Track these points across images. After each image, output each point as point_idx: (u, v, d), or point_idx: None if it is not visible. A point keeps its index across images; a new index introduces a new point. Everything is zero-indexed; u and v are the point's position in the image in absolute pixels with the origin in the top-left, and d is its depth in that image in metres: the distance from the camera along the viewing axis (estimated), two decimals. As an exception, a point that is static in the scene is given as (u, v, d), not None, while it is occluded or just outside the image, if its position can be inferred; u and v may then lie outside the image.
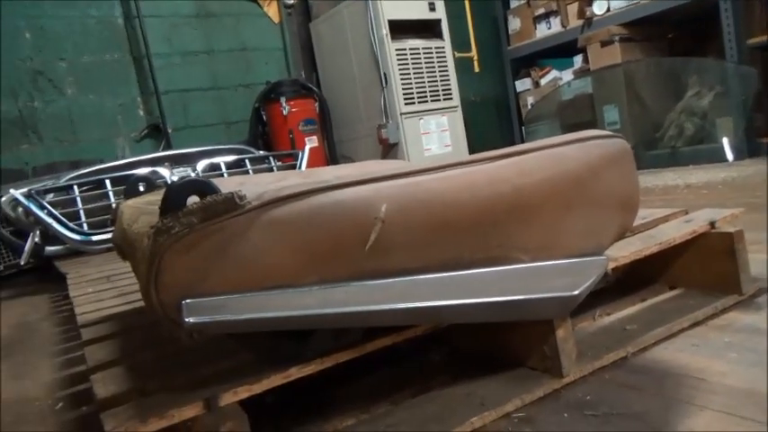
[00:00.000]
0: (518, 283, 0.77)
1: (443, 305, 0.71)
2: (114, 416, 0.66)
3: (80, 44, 3.69)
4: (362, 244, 0.64)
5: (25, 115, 3.58)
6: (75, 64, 3.69)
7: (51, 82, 3.64)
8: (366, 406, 0.89)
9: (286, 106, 3.91)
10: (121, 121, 3.85)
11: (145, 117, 3.92)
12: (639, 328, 1.03)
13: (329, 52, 4.30)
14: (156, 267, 0.59)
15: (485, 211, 0.70)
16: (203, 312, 0.60)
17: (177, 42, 4.00)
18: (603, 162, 0.80)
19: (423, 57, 3.93)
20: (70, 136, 3.70)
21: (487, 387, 0.89)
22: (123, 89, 3.83)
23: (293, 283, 0.64)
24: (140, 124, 3.90)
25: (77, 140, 3.71)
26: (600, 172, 0.79)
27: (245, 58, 4.29)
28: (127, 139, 3.87)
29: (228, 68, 4.21)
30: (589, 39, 4.27)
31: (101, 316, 1.26)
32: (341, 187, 0.66)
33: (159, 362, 0.84)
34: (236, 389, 0.68)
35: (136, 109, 3.91)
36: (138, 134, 3.88)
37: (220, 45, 4.16)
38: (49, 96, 3.63)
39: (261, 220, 0.62)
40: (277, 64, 4.39)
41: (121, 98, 3.83)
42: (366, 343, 0.76)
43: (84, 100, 3.72)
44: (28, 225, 3.07)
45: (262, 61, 4.33)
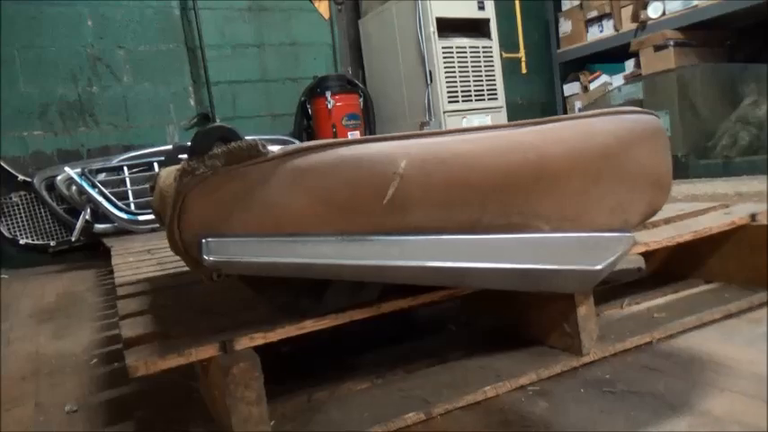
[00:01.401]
0: (538, 252, 0.76)
1: (459, 267, 0.71)
2: (136, 352, 0.69)
3: (138, 33, 3.84)
4: (380, 198, 0.65)
5: (84, 99, 3.74)
6: (132, 52, 3.83)
7: (109, 68, 3.79)
8: (381, 372, 0.90)
9: (331, 100, 3.96)
10: (173, 109, 3.98)
11: (195, 106, 4.04)
12: (668, 316, 1.00)
13: (376, 49, 4.34)
14: (179, 206, 0.62)
15: (507, 175, 0.70)
16: (222, 252, 0.62)
17: (229, 34, 4.11)
18: (634, 137, 0.78)
19: (469, 56, 3.92)
20: (124, 121, 3.84)
21: (504, 361, 0.89)
22: (176, 78, 3.96)
23: (311, 230, 0.65)
24: (190, 113, 4.01)
25: (130, 126, 3.85)
26: (630, 146, 0.78)
27: (294, 52, 4.36)
28: (177, 126, 3.99)
29: (277, 62, 4.30)
30: (642, 43, 4.16)
31: (137, 279, 1.31)
32: (363, 142, 0.67)
33: (184, 313, 0.87)
34: (252, 335, 0.70)
35: (187, 98, 4.03)
36: (187, 122, 3.99)
37: (271, 39, 4.25)
38: (106, 82, 3.78)
39: (283, 167, 0.64)
40: (325, 59, 4.45)
41: (174, 87, 3.96)
42: (382, 303, 0.76)
43: (139, 87, 3.86)
44: (80, 203, 3.21)
45: (310, 56, 4.40)
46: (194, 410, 0.86)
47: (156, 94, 3.90)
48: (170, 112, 3.95)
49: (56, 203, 3.36)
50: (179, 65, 3.96)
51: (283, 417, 0.79)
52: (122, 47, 3.79)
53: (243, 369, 0.64)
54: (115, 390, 1.05)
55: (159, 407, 0.91)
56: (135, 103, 3.83)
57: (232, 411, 0.64)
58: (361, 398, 0.83)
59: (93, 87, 3.73)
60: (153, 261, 1.66)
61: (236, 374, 0.64)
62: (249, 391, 0.65)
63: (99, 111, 3.75)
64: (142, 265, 1.61)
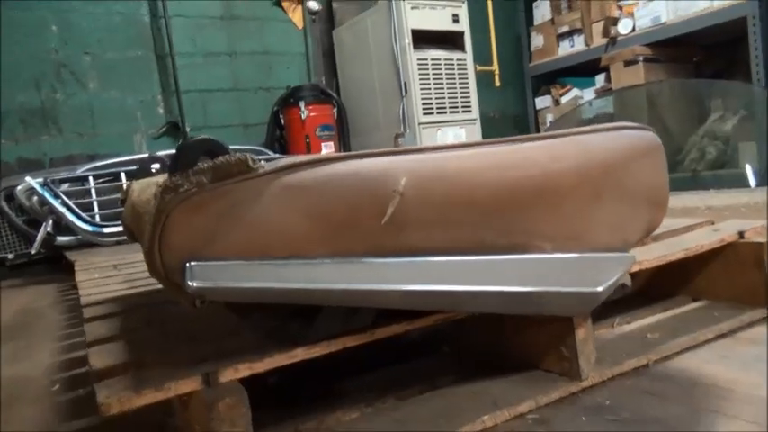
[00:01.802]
0: (539, 273, 0.73)
1: (460, 291, 0.67)
2: (108, 386, 0.63)
3: (105, 40, 3.72)
4: (378, 217, 0.61)
5: (47, 107, 3.61)
6: (98, 59, 3.72)
7: (74, 75, 3.66)
8: (370, 400, 0.85)
9: (304, 111, 3.91)
10: (141, 117, 3.87)
11: (165, 115, 3.93)
12: (662, 336, 0.98)
13: (350, 59, 4.31)
14: (161, 226, 0.56)
15: (511, 192, 0.66)
16: (208, 277, 0.57)
17: (201, 43, 4.02)
18: (634, 153, 0.76)
19: (444, 68, 3.92)
20: (89, 130, 3.72)
21: (499, 387, 0.85)
22: (145, 86, 3.85)
23: (303, 253, 0.60)
24: (159, 122, 3.91)
25: (96, 134, 3.73)
26: (630, 163, 0.76)
27: (266, 61, 4.30)
28: (145, 135, 3.87)
29: (250, 71, 4.23)
30: (613, 58, 4.23)
31: (104, 298, 1.23)
32: (359, 157, 0.62)
33: (159, 338, 0.81)
34: (237, 365, 0.64)
35: (156, 106, 3.92)
36: (156, 131, 3.89)
37: (243, 47, 4.18)
38: (71, 89, 3.65)
39: (274, 184, 0.59)
40: (298, 69, 4.40)
41: (142, 95, 3.85)
42: (376, 329, 0.72)
43: (106, 95, 3.74)
44: (41, 214, 3.08)
45: (283, 66, 4.34)
46: (170, 445, 0.79)
47: (124, 102, 3.78)
48: (138, 121, 3.83)
49: (15, 214, 3.21)
50: (148, 72, 3.85)
51: (268, 451, 0.73)
52: (88, 53, 3.68)
53: (229, 405, 0.59)
54: (82, 420, 0.97)
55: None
56: (101, 111, 3.71)
57: (216, 451, 0.59)
58: (350, 429, 0.77)
59: (58, 94, 3.60)
60: (120, 278, 1.58)
61: (222, 411, 0.59)
62: (235, 428, 0.59)
63: (63, 118, 3.61)
64: (109, 281, 1.53)
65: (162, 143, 3.90)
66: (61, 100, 3.62)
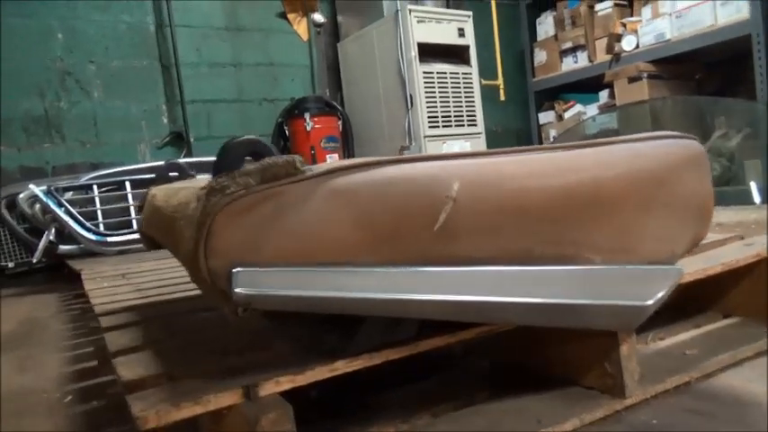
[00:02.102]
0: (586, 285, 0.70)
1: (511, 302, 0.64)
2: (142, 399, 0.59)
3: (110, 48, 3.71)
4: (429, 224, 0.58)
5: (51, 115, 3.58)
6: (103, 67, 3.70)
7: (79, 83, 3.64)
8: (405, 416, 0.81)
9: (309, 122, 3.89)
10: (145, 126, 3.84)
11: (168, 124, 3.91)
12: (701, 353, 0.95)
13: (355, 72, 4.31)
14: (206, 229, 0.53)
15: (562, 200, 0.64)
16: (255, 284, 0.54)
17: (206, 53, 4.02)
18: (684, 163, 0.74)
19: (450, 81, 3.92)
20: (93, 138, 3.69)
21: (539, 403, 0.81)
22: (149, 96, 3.83)
23: (353, 260, 0.57)
24: (163, 131, 3.88)
25: (99, 143, 3.70)
26: (680, 173, 0.73)
27: (271, 73, 4.29)
28: (149, 145, 3.85)
29: (254, 82, 4.22)
30: (616, 74, 4.25)
31: (118, 307, 1.19)
32: (410, 161, 0.60)
33: (186, 349, 0.77)
34: (279, 378, 0.61)
35: (160, 116, 3.90)
36: (160, 141, 3.86)
37: (248, 59, 4.18)
38: (75, 98, 3.62)
39: (323, 187, 0.56)
40: (302, 81, 4.39)
41: (147, 104, 3.83)
42: (419, 341, 0.69)
43: (110, 103, 3.72)
44: (43, 223, 3.03)
45: (288, 77, 4.34)
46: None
47: (128, 112, 3.75)
48: (142, 130, 3.81)
49: (16, 222, 3.17)
50: (153, 82, 3.83)
51: (303, 469, 0.69)
52: (93, 62, 3.66)
53: (273, 420, 0.55)
54: (97, 434, 0.93)
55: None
56: (105, 120, 3.68)
57: (259, 470, 0.55)
58: (388, 446, 0.74)
59: (62, 102, 3.57)
60: (130, 287, 1.54)
61: (265, 426, 0.55)
62: (280, 445, 0.56)
63: (66, 126, 3.58)
64: (119, 291, 1.49)
65: (165, 153, 3.88)
66: (65, 108, 3.59)
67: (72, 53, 3.59)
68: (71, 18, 3.58)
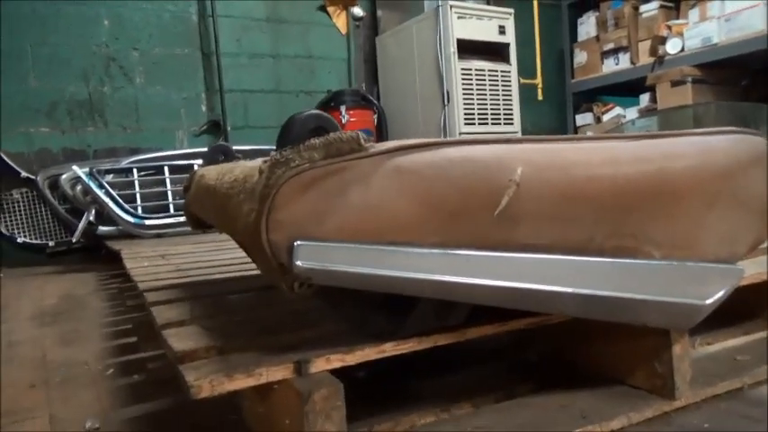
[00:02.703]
0: (644, 280, 0.68)
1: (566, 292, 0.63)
2: (195, 369, 0.60)
3: (154, 36, 3.77)
4: (492, 207, 0.57)
5: (94, 99, 3.66)
6: (146, 55, 3.76)
7: (122, 69, 3.71)
8: (446, 405, 0.81)
9: (345, 115, 3.90)
10: (184, 114, 3.90)
11: (207, 113, 3.96)
12: (752, 360, 0.92)
13: (393, 66, 4.30)
14: (270, 201, 0.53)
15: (626, 190, 0.63)
16: (315, 258, 0.54)
17: (246, 43, 4.05)
18: (750, 159, 0.71)
19: (488, 79, 3.88)
20: (133, 123, 3.75)
21: (584, 400, 0.80)
22: (189, 84, 3.88)
23: (413, 240, 0.57)
24: (201, 119, 3.93)
25: (140, 129, 3.76)
26: (747, 169, 0.71)
27: (309, 65, 4.31)
28: (186, 132, 3.90)
29: (292, 74, 4.24)
30: (659, 78, 4.15)
31: (161, 285, 1.21)
32: (473, 143, 0.59)
33: (234, 326, 0.78)
34: (329, 356, 0.61)
35: (199, 104, 3.95)
36: (197, 129, 3.91)
37: (287, 50, 4.20)
38: (118, 83, 3.69)
39: (386, 165, 0.56)
40: (339, 74, 4.40)
41: (186, 92, 3.88)
42: (468, 328, 0.68)
43: (151, 90, 3.78)
44: (84, 204, 3.12)
45: (325, 70, 4.35)
46: (241, 438, 0.76)
47: (168, 99, 3.82)
48: (181, 118, 3.86)
49: (58, 203, 3.26)
50: (193, 70, 3.89)
51: (346, 451, 0.69)
52: (137, 49, 3.72)
53: (325, 396, 0.55)
54: (138, 406, 0.95)
55: (196, 431, 0.81)
56: (146, 106, 3.75)
57: (309, 445, 0.55)
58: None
59: (105, 87, 3.65)
60: (170, 267, 1.57)
61: (318, 402, 0.55)
62: (330, 422, 0.56)
63: (109, 111, 3.66)
64: (160, 270, 1.51)
65: (203, 141, 3.93)
66: (108, 93, 3.66)
67: (117, 40, 3.66)
68: (118, 5, 3.65)
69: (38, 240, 3.30)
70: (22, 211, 3.32)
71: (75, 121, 3.58)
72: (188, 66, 3.87)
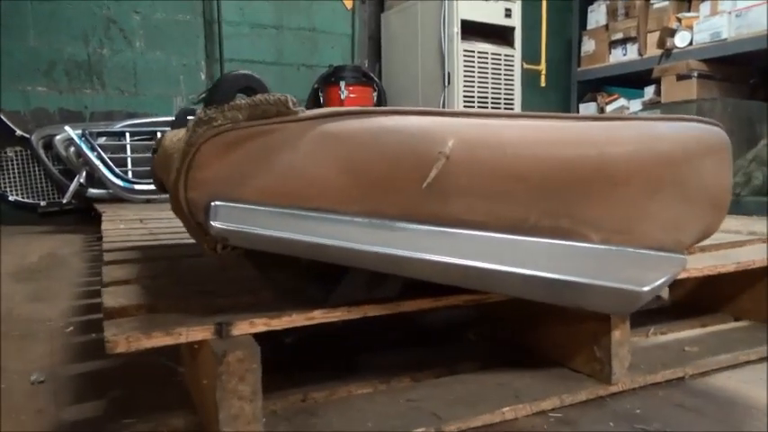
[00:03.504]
0: (581, 263, 0.68)
1: (496, 269, 0.63)
2: (118, 325, 0.60)
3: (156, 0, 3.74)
4: (420, 179, 0.56)
5: (93, 61, 3.64)
6: (148, 18, 3.73)
7: (122, 32, 3.68)
8: (386, 377, 0.81)
9: (344, 91, 3.88)
10: (183, 81, 3.87)
11: (206, 81, 3.94)
12: (700, 351, 0.92)
13: (396, 44, 4.26)
14: (189, 159, 0.53)
15: (563, 171, 0.62)
16: (233, 219, 0.53)
17: (249, 13, 4.01)
18: (701, 148, 0.70)
19: (490, 62, 3.84)
20: (131, 88, 3.74)
21: (523, 380, 0.80)
22: (189, 51, 3.85)
23: (336, 207, 0.56)
24: (200, 87, 3.91)
25: (137, 93, 3.75)
26: (695, 158, 0.70)
27: (312, 38, 4.27)
28: (185, 99, 3.88)
29: (294, 47, 4.20)
30: (665, 70, 4.09)
31: (126, 246, 1.21)
32: (406, 114, 0.58)
33: (176, 287, 0.78)
34: (254, 320, 0.61)
35: (198, 72, 3.93)
36: (196, 97, 3.89)
37: (290, 23, 4.16)
38: (118, 46, 3.67)
39: (314, 131, 0.55)
40: (342, 49, 4.36)
41: (186, 59, 3.85)
42: (402, 301, 0.68)
43: (151, 55, 3.76)
44: (76, 166, 3.12)
45: (328, 45, 4.31)
46: (175, 397, 0.77)
47: (168, 64, 3.79)
48: (179, 84, 3.84)
49: (51, 163, 3.27)
50: (194, 37, 3.86)
51: (275, 415, 0.70)
52: (138, 12, 3.69)
53: (239, 358, 0.56)
54: (89, 363, 0.96)
55: (136, 388, 0.81)
56: (144, 71, 3.72)
57: (221, 406, 0.56)
58: (362, 403, 0.74)
59: (104, 50, 3.62)
60: (145, 230, 1.57)
61: (232, 363, 0.55)
62: (244, 384, 0.56)
63: (107, 74, 3.64)
64: (133, 233, 1.52)
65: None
66: (107, 56, 3.64)
67: (118, 1, 3.63)
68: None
69: (30, 200, 3.31)
70: (16, 170, 3.32)
71: (72, 82, 3.57)
72: (189, 32, 3.84)
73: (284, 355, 0.85)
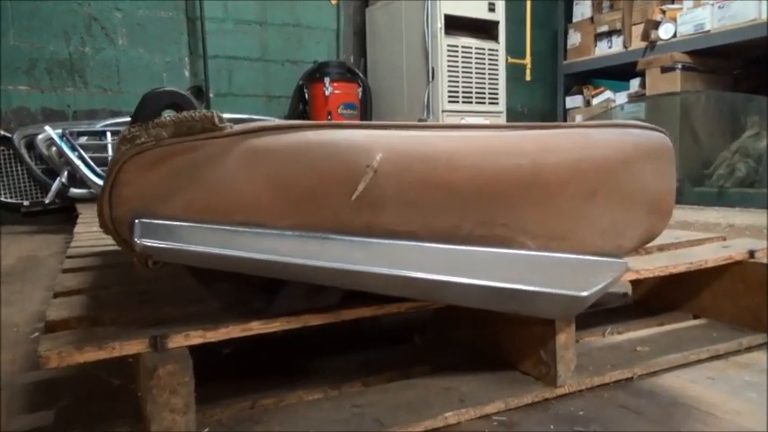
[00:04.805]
0: (520, 270, 0.69)
1: (431, 279, 0.63)
2: (53, 339, 0.61)
3: (137, -3, 3.72)
4: (349, 193, 0.57)
5: (74, 59, 3.62)
6: (130, 15, 3.71)
7: (104, 30, 3.66)
8: (337, 383, 0.82)
9: (329, 87, 3.87)
10: (166, 78, 3.86)
11: (190, 78, 3.92)
12: (652, 350, 0.93)
13: (381, 39, 4.25)
14: (113, 177, 0.53)
15: (494, 181, 0.62)
16: (158, 236, 0.54)
17: (232, 9, 4.00)
18: (639, 154, 0.71)
19: (474, 57, 3.84)
20: (114, 86, 3.72)
21: (470, 384, 0.81)
22: (172, 47, 3.84)
23: (265, 222, 0.57)
24: (184, 84, 3.89)
25: (120, 91, 3.73)
26: (632, 164, 0.70)
27: (297, 34, 4.26)
28: (168, 97, 3.86)
29: (279, 42, 4.19)
30: (650, 63, 4.10)
31: (91, 251, 1.22)
32: (334, 128, 0.59)
33: (125, 297, 0.78)
34: (189, 332, 0.61)
35: (182, 69, 3.91)
36: (179, 94, 3.86)
37: (275, 18, 4.14)
38: (100, 44, 3.65)
39: (240, 146, 0.56)
40: (327, 45, 4.35)
41: (169, 56, 3.84)
42: (342, 310, 0.69)
43: (133, 52, 3.74)
44: (58, 165, 3.11)
45: (313, 40, 4.30)
46: (125, 407, 0.77)
47: (151, 62, 3.78)
48: (163, 82, 3.82)
49: (34, 163, 3.25)
50: (177, 34, 3.84)
51: (220, 424, 0.71)
52: (120, 9, 3.67)
53: (170, 372, 0.56)
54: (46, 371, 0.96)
55: (86, 398, 0.82)
56: (127, 69, 3.71)
57: (153, 419, 0.56)
58: (309, 410, 0.75)
59: (86, 48, 3.61)
60: (118, 233, 1.57)
61: (163, 377, 0.56)
62: (176, 397, 0.57)
63: (90, 72, 3.62)
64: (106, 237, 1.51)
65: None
66: (89, 54, 3.62)
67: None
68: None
69: (13, 199, 3.30)
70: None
71: (54, 81, 3.55)
72: (172, 29, 3.82)
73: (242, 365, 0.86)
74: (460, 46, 3.78)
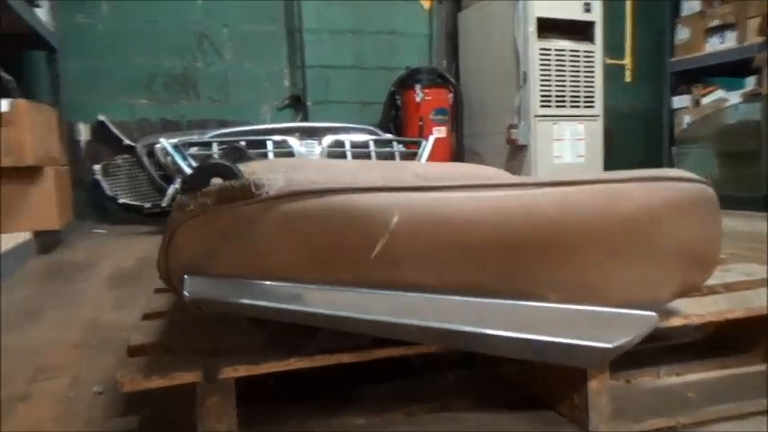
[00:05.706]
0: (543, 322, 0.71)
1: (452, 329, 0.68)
2: (130, 365, 0.72)
3: (242, 14, 3.99)
4: (369, 251, 0.63)
5: (188, 73, 3.95)
6: (235, 31, 3.99)
7: (213, 46, 3.97)
8: (379, 410, 0.89)
9: (420, 93, 3.93)
10: (268, 88, 4.11)
11: (289, 87, 4.15)
12: (704, 397, 0.91)
13: (473, 43, 4.24)
14: (168, 238, 0.64)
15: (512, 241, 0.66)
16: (203, 290, 0.63)
17: (328, 20, 4.16)
18: (670, 208, 0.71)
19: (568, 59, 3.72)
20: (223, 97, 4.03)
21: (508, 420, 0.84)
22: (273, 59, 4.08)
23: (295, 277, 0.65)
24: (283, 94, 4.13)
25: (228, 102, 4.03)
26: (662, 219, 0.70)
27: (390, 41, 4.35)
28: (270, 106, 4.12)
29: (373, 50, 4.31)
30: (766, 59, 3.76)
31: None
32: (357, 191, 0.65)
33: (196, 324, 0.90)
34: (237, 366, 0.71)
35: (282, 79, 4.14)
36: (279, 103, 4.11)
37: (369, 26, 4.26)
38: (210, 59, 3.96)
39: (273, 211, 0.64)
40: (420, 50, 4.41)
41: (270, 67, 4.08)
42: (373, 349, 0.75)
43: (239, 66, 4.02)
44: (173, 172, 3.44)
45: (406, 46, 4.37)
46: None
47: (255, 74, 4.04)
48: (265, 92, 4.08)
49: (154, 169, 3.63)
50: (277, 47, 4.08)
51: (269, 444, 0.80)
52: (227, 26, 3.96)
53: (216, 402, 0.66)
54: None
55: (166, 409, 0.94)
56: (234, 81, 4.00)
57: (203, 441, 0.66)
58: (352, 434, 0.82)
59: (198, 62, 3.93)
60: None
61: (210, 407, 0.66)
62: (221, 425, 0.66)
63: (201, 85, 3.95)
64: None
65: (285, 114, 4.14)
66: (201, 68, 3.95)
67: (209, 17, 3.92)
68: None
69: (136, 202, 3.68)
70: (124, 175, 3.72)
71: (170, 94, 3.91)
72: (273, 42, 4.07)
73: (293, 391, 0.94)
74: (554, 49, 3.68)
